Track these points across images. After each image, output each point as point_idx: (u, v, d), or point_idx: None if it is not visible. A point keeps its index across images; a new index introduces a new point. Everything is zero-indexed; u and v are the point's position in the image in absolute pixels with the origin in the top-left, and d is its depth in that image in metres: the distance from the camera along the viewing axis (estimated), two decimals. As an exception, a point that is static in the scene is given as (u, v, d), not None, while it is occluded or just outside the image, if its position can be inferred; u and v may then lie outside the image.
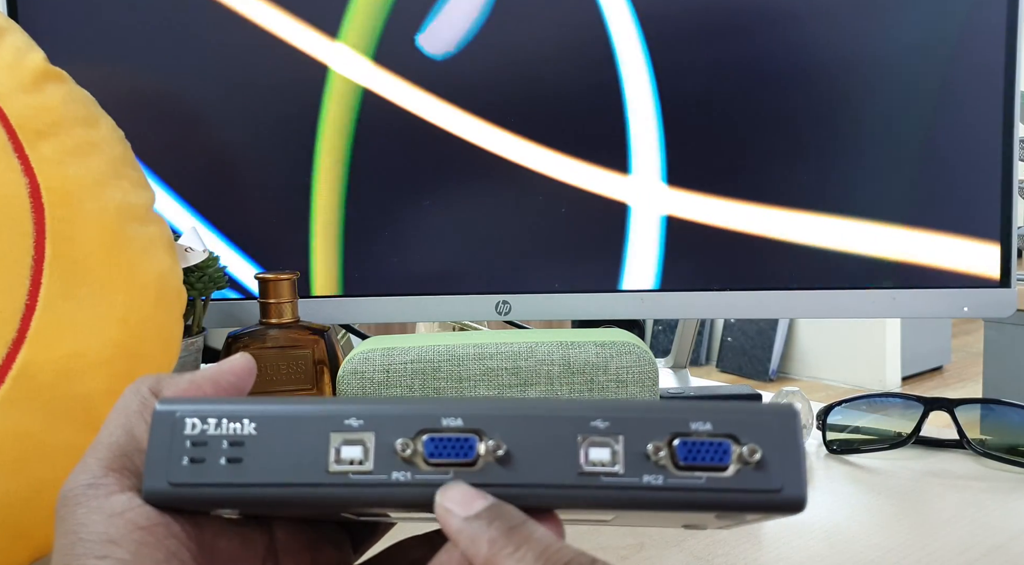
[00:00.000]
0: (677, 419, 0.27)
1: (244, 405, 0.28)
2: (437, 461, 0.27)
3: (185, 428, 0.28)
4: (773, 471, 0.26)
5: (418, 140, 0.71)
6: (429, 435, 0.27)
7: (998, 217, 0.69)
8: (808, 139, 0.70)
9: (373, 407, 0.28)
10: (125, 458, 0.28)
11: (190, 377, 0.31)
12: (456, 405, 0.27)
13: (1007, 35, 0.67)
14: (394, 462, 0.27)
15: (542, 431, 0.27)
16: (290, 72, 0.71)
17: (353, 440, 0.27)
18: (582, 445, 0.27)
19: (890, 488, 0.62)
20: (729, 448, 0.26)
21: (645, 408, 0.27)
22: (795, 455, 0.26)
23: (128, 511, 0.27)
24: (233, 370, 0.32)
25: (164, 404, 0.28)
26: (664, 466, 0.26)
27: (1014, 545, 0.52)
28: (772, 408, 0.27)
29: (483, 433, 0.27)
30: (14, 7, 0.71)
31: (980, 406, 0.68)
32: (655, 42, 0.69)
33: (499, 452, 0.27)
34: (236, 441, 0.28)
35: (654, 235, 0.72)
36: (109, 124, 0.56)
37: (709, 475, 0.26)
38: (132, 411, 0.29)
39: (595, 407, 0.27)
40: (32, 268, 0.47)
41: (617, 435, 0.27)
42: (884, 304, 0.71)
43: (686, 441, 0.26)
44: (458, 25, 0.70)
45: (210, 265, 0.66)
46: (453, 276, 0.73)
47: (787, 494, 0.26)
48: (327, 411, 0.28)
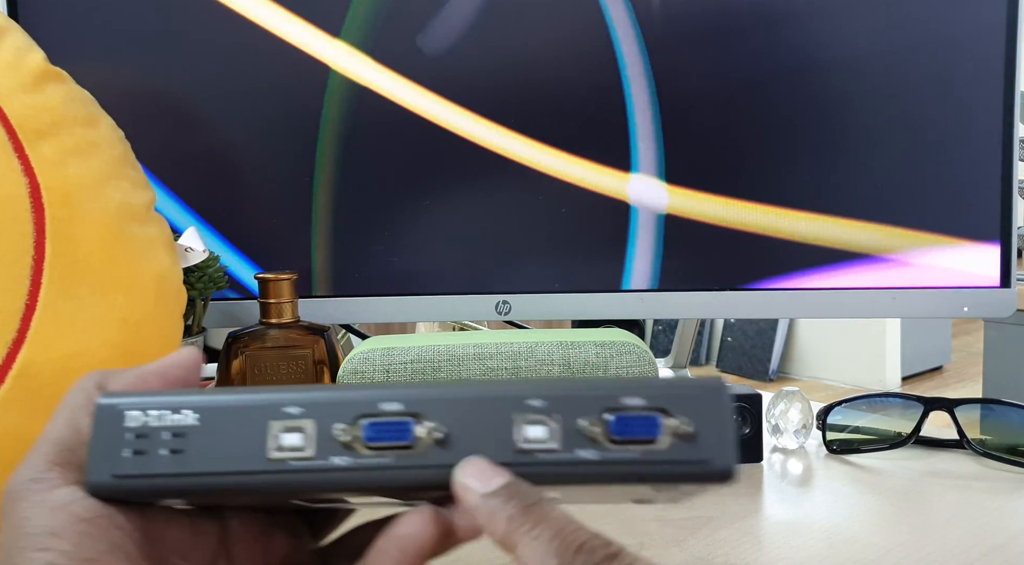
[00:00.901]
0: (609, 395, 0.28)
1: (185, 396, 0.29)
2: (376, 445, 0.27)
3: (127, 421, 0.28)
4: (703, 443, 0.27)
5: (419, 139, 0.71)
6: (368, 420, 0.28)
7: (998, 217, 0.69)
8: (807, 139, 0.70)
9: (312, 395, 0.28)
10: (69, 452, 0.29)
11: (136, 372, 0.31)
12: (394, 390, 0.28)
13: (1007, 35, 0.67)
14: (333, 447, 0.28)
15: (479, 412, 0.28)
16: (290, 71, 0.71)
17: (293, 427, 0.28)
18: (518, 424, 0.27)
19: (890, 488, 0.62)
20: (660, 421, 0.27)
21: (579, 386, 0.28)
22: (724, 427, 0.27)
23: (71, 504, 0.27)
24: (179, 363, 0.32)
25: (106, 398, 0.29)
26: (598, 441, 0.27)
27: (1014, 545, 0.52)
28: (702, 382, 0.28)
29: (421, 416, 0.28)
30: (14, 7, 0.71)
31: (980, 406, 0.68)
32: (654, 41, 0.69)
33: (437, 434, 0.27)
34: (178, 432, 0.28)
35: (653, 234, 0.72)
36: (109, 124, 0.56)
37: (642, 448, 0.27)
38: (77, 406, 0.30)
39: (530, 387, 0.28)
40: (32, 268, 0.47)
41: (552, 413, 0.28)
42: (884, 304, 0.71)
43: (619, 416, 0.27)
44: (459, 23, 0.70)
45: (210, 265, 0.66)
46: (453, 276, 0.73)
47: (717, 465, 0.27)
48: (266, 400, 0.28)
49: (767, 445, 0.68)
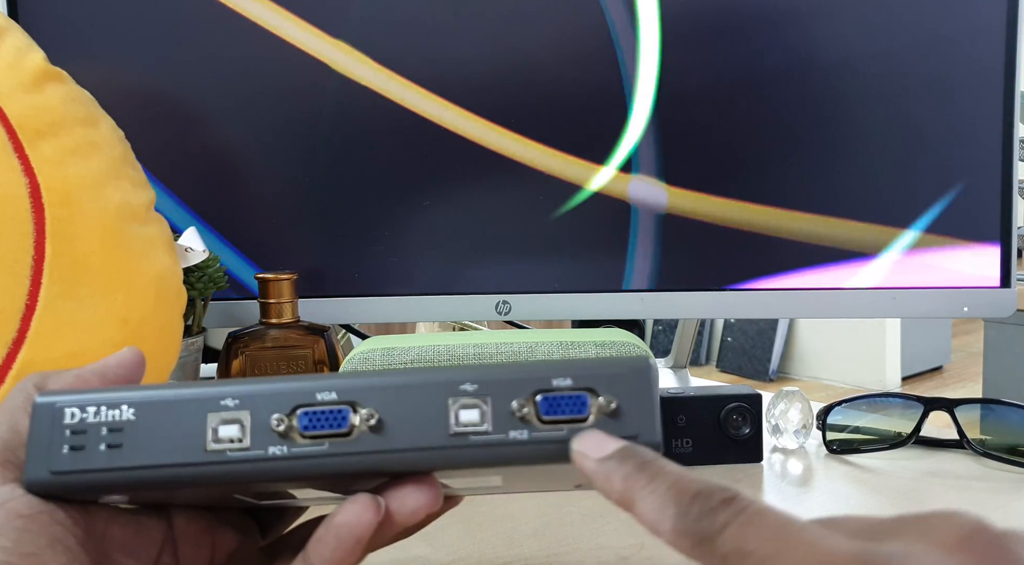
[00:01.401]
0: (539, 377, 0.29)
1: (122, 392, 0.29)
2: (312, 433, 0.28)
3: (64, 418, 0.29)
4: (629, 419, 0.28)
5: (419, 139, 0.71)
6: (303, 409, 0.28)
7: (998, 217, 0.69)
8: (807, 139, 0.70)
9: (249, 387, 0.29)
10: (8, 452, 0.29)
11: (76, 372, 0.32)
12: (330, 380, 0.29)
13: (1007, 35, 0.67)
14: (270, 438, 0.28)
15: (414, 398, 0.28)
16: (290, 70, 0.71)
17: (230, 419, 0.28)
18: (452, 408, 0.28)
19: (890, 488, 0.62)
20: (587, 400, 0.28)
21: (510, 370, 0.29)
22: (649, 403, 0.28)
23: (9, 501, 0.28)
24: (121, 363, 0.33)
25: (44, 396, 0.29)
26: (529, 421, 0.28)
27: (1014, 545, 0.52)
28: (627, 361, 0.29)
29: (357, 404, 0.28)
30: (14, 7, 0.71)
31: (980, 406, 0.68)
32: (661, 41, 0.69)
33: (372, 421, 0.28)
34: (115, 427, 0.28)
35: (653, 234, 0.71)
36: (109, 124, 0.56)
37: (570, 427, 0.28)
38: (16, 407, 0.30)
39: (464, 372, 0.29)
40: (32, 268, 0.47)
41: (485, 396, 0.28)
42: (884, 304, 0.71)
43: (548, 396, 0.28)
44: (458, 24, 0.70)
45: (210, 265, 0.66)
46: (453, 276, 0.73)
47: (644, 439, 0.28)
48: (204, 393, 0.29)
49: (767, 445, 0.68)
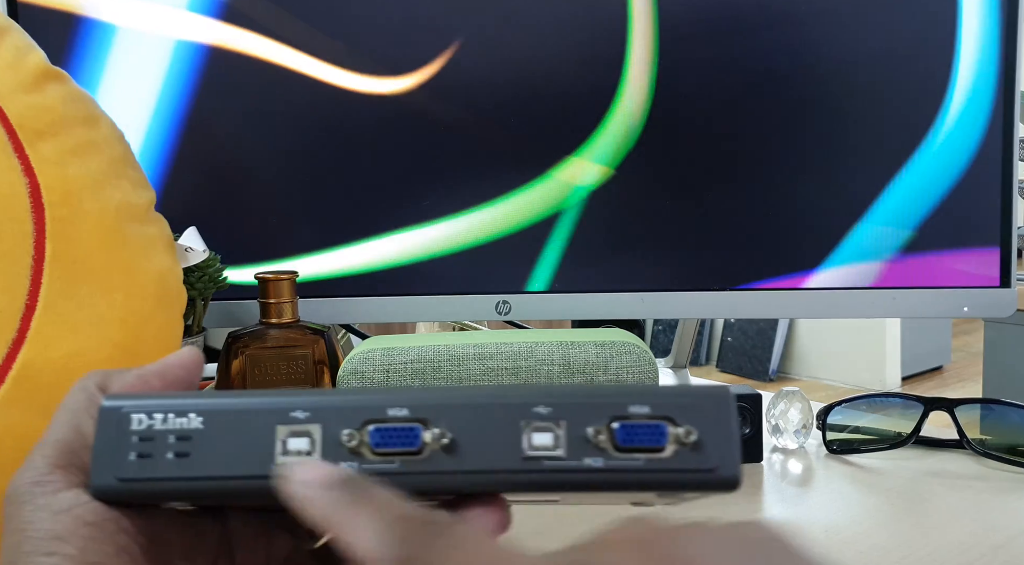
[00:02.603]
0: (616, 403, 0.28)
1: (190, 399, 0.28)
2: (383, 450, 0.27)
3: (132, 424, 0.28)
4: (708, 451, 0.27)
5: (418, 139, 0.71)
6: (375, 425, 0.27)
7: (998, 217, 0.69)
8: (806, 139, 0.70)
9: (319, 399, 0.28)
10: (72, 455, 0.29)
11: (138, 372, 0.31)
12: (401, 395, 0.28)
13: (1007, 35, 0.67)
14: (340, 453, 0.27)
15: (486, 418, 0.28)
16: (289, 71, 0.71)
17: (300, 432, 0.28)
18: (525, 430, 0.27)
19: (890, 488, 0.62)
20: (666, 430, 0.27)
21: (586, 393, 0.28)
22: (729, 435, 0.27)
23: (75, 507, 0.27)
24: (181, 364, 0.32)
25: (110, 400, 0.29)
26: (604, 449, 0.27)
27: (1014, 545, 0.52)
28: (708, 390, 0.28)
29: (428, 422, 0.28)
30: (14, 7, 0.71)
31: (980, 406, 0.68)
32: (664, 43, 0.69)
33: (444, 440, 0.27)
34: (183, 435, 0.28)
35: (652, 234, 0.71)
36: (109, 124, 0.56)
37: (647, 456, 0.27)
38: (79, 408, 0.29)
39: (537, 393, 0.28)
40: (32, 268, 0.47)
41: (559, 420, 0.28)
42: (884, 304, 0.71)
43: (625, 424, 0.27)
44: (457, 26, 0.70)
45: (210, 265, 0.66)
46: (453, 276, 0.73)
47: (722, 473, 0.27)
48: (273, 404, 0.28)
49: (767, 445, 0.68)
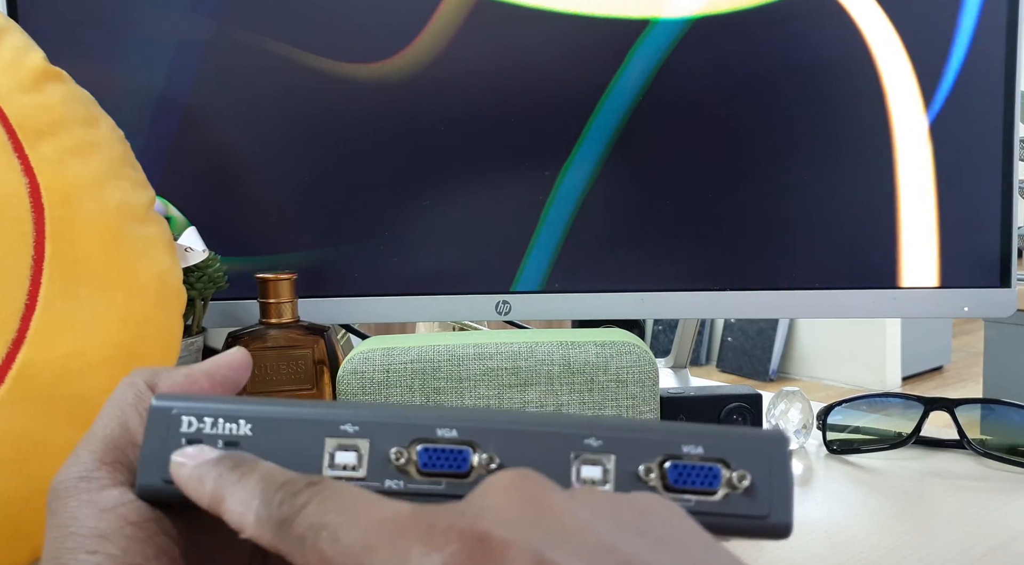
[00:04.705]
0: (669, 441, 0.27)
1: (241, 405, 0.28)
2: (430, 471, 0.27)
3: (181, 426, 0.28)
4: (761, 497, 0.26)
5: (418, 139, 0.71)
6: (423, 445, 0.27)
7: (998, 217, 0.69)
8: (806, 140, 0.70)
9: (369, 413, 0.28)
10: (118, 451, 0.28)
11: (186, 371, 0.31)
12: (451, 415, 0.27)
13: (1007, 35, 0.67)
14: (387, 470, 0.27)
15: (536, 446, 0.27)
16: (289, 71, 0.71)
17: (348, 446, 0.27)
18: (575, 462, 0.27)
19: (890, 488, 0.62)
20: (719, 473, 0.27)
21: (638, 428, 0.27)
22: (784, 482, 0.27)
23: (120, 506, 0.27)
24: (230, 364, 0.32)
25: (161, 400, 0.28)
26: (654, 487, 0.27)
27: (1014, 545, 0.52)
28: (763, 434, 0.27)
29: (477, 445, 0.27)
30: (14, 7, 0.71)
31: (980, 406, 0.68)
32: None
33: (492, 465, 0.27)
34: (231, 441, 0.28)
35: (652, 234, 0.71)
36: (109, 124, 0.56)
37: (698, 498, 0.26)
38: (127, 404, 0.29)
39: (589, 424, 0.27)
40: (32, 268, 0.47)
41: (609, 454, 0.27)
42: (884, 304, 0.71)
43: (677, 464, 0.27)
44: (455, 29, 0.70)
45: (210, 265, 0.66)
46: (453, 276, 0.73)
47: (774, 520, 0.26)
48: (323, 415, 0.28)
49: (767, 445, 0.68)
